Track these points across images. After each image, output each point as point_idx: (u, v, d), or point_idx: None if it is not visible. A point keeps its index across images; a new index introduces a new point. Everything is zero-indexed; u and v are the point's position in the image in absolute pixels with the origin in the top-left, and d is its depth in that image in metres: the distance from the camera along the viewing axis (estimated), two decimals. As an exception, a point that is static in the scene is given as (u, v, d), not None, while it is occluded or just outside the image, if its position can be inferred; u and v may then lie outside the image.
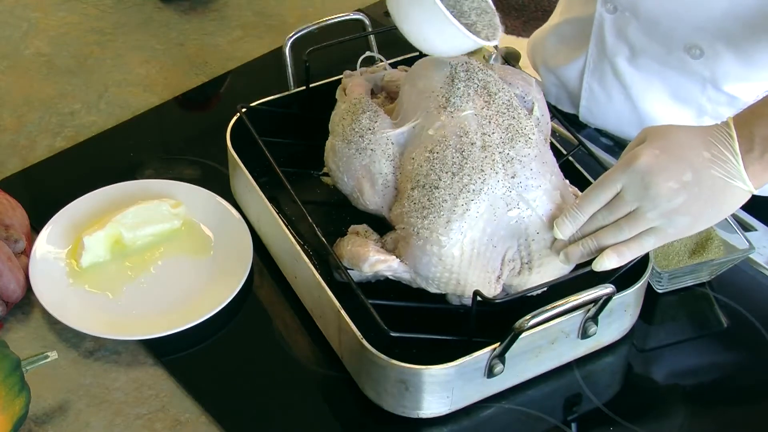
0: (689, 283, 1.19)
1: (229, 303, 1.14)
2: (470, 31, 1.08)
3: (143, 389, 1.09)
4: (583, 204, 1.01)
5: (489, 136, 1.06)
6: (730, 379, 1.13)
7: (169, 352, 1.12)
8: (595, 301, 1.03)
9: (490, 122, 1.07)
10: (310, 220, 1.10)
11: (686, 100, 1.31)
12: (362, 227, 1.11)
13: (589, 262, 1.02)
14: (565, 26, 1.42)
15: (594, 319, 1.06)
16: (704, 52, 1.25)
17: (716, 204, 0.99)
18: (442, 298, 1.09)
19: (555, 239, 1.04)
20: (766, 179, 0.98)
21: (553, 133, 1.19)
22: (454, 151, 1.06)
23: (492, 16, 1.13)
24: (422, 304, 1.09)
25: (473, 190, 1.04)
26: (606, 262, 1.00)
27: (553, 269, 1.07)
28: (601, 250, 1.01)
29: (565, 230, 1.02)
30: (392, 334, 1.01)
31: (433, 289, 1.07)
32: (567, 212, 1.02)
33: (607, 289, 1.02)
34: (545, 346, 1.06)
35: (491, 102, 1.09)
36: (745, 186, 0.98)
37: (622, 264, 1.01)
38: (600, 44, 1.35)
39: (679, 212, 0.98)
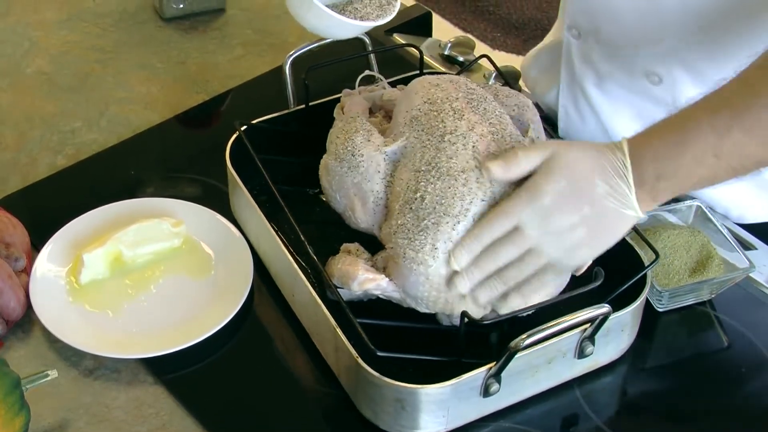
0: (690, 301, 1.18)
1: (229, 321, 1.14)
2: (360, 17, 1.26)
3: (143, 408, 1.09)
4: (482, 233, 1.01)
5: (479, 156, 1.05)
6: (730, 397, 1.12)
7: (169, 370, 1.12)
8: (591, 320, 1.03)
9: (481, 142, 1.06)
10: (302, 238, 1.10)
11: None
12: (354, 246, 1.11)
13: (579, 284, 1.02)
14: (543, 54, 1.45)
15: (591, 338, 1.06)
16: (662, 79, 1.26)
17: (610, 232, 1.02)
18: (432, 318, 1.09)
19: (454, 273, 1.02)
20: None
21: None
22: (442, 170, 1.05)
23: None
24: (412, 323, 1.09)
25: (460, 210, 1.03)
26: (511, 304, 1.02)
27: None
28: (506, 289, 1.02)
29: (461, 259, 1.01)
30: (379, 353, 1.00)
31: (422, 309, 1.06)
32: (464, 241, 1.02)
33: (602, 308, 1.02)
34: (542, 366, 1.06)
35: (484, 122, 1.08)
36: (635, 214, 1.01)
37: (528, 306, 1.02)
38: (569, 69, 1.37)
39: (580, 245, 1.01)
